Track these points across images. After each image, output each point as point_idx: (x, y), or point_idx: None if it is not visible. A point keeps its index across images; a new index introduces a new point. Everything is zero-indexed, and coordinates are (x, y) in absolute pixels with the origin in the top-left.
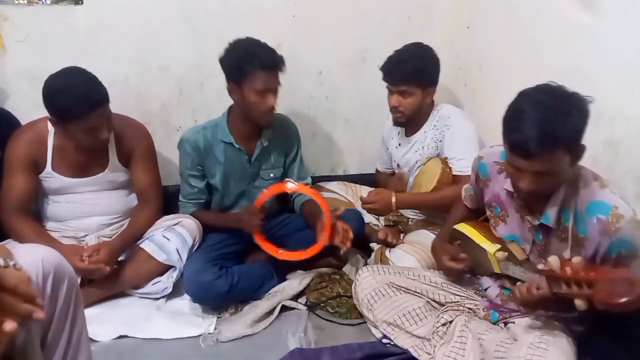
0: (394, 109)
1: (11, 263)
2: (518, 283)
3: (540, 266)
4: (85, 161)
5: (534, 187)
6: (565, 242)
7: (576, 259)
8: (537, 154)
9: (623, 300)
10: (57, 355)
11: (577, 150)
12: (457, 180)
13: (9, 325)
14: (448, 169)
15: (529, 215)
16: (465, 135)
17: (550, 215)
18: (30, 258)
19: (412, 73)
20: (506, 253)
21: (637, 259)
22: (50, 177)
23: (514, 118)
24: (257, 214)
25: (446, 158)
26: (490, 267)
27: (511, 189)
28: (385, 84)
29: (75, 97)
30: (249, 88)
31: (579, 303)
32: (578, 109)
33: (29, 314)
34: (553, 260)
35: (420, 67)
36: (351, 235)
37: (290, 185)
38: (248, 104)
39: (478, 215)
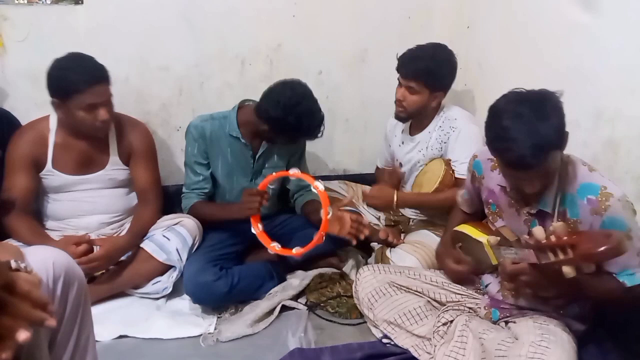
0: (397, 102)
1: (22, 265)
2: None
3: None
4: (86, 158)
5: (538, 187)
6: None
7: (557, 223)
8: (534, 165)
9: (602, 248)
10: (64, 359)
11: (563, 143)
12: (459, 183)
13: (23, 335)
14: (451, 171)
15: (524, 207)
16: (470, 138)
17: (548, 201)
18: (41, 260)
19: (423, 72)
20: (498, 238)
21: (630, 238)
22: (51, 175)
23: (500, 138)
24: (257, 197)
25: (449, 160)
26: (490, 262)
27: (504, 184)
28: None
29: (76, 71)
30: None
31: (567, 270)
32: (553, 108)
33: (41, 322)
34: (537, 231)
35: (433, 68)
36: (365, 222)
37: (293, 171)
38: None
39: (475, 220)
